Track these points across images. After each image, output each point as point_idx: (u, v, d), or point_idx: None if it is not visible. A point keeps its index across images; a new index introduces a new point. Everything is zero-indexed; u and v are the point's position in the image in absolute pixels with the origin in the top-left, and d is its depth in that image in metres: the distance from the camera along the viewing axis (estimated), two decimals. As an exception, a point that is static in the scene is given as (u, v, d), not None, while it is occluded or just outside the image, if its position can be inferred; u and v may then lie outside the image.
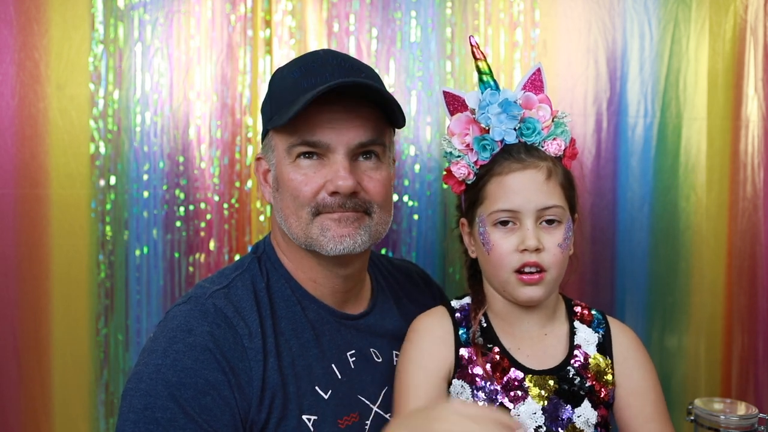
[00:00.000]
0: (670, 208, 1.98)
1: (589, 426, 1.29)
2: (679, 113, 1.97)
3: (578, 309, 1.38)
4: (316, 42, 1.91)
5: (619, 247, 1.98)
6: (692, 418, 1.37)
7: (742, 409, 1.36)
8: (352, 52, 1.91)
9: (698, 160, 1.97)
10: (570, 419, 1.27)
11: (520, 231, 1.26)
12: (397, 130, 1.40)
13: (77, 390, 1.86)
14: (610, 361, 1.33)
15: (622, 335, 1.37)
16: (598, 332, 1.35)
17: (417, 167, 1.95)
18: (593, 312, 1.38)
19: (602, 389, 1.31)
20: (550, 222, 1.27)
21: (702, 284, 1.98)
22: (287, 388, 1.26)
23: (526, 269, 1.27)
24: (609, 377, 1.32)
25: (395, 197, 1.92)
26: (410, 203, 1.96)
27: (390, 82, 1.92)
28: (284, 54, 1.90)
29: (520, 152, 1.28)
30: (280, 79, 1.34)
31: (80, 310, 1.86)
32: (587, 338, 1.34)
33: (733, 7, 1.94)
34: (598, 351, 1.33)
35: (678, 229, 1.98)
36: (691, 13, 1.95)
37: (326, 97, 1.24)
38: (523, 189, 1.26)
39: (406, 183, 1.96)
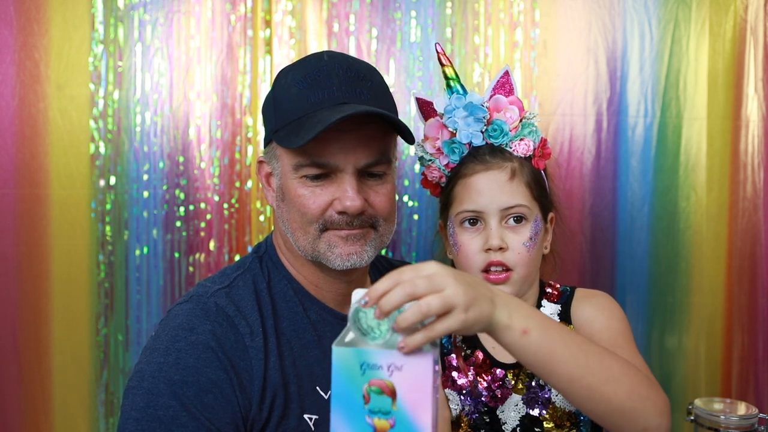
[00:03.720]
0: (670, 208, 1.98)
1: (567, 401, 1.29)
2: (679, 113, 1.97)
3: (549, 290, 1.38)
4: (316, 42, 1.91)
5: (619, 247, 1.99)
6: (692, 418, 1.37)
7: (742, 409, 1.36)
8: (352, 52, 1.91)
9: (698, 160, 1.97)
10: (549, 399, 1.28)
11: (485, 231, 1.28)
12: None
13: (77, 390, 1.86)
14: (572, 327, 1.32)
15: (582, 298, 1.35)
16: (559, 303, 1.35)
17: (417, 167, 1.95)
18: (562, 289, 1.38)
19: None
20: (515, 221, 1.28)
21: (702, 284, 1.98)
22: (288, 388, 1.26)
23: (492, 269, 1.29)
24: None
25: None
26: (410, 203, 1.96)
27: (390, 82, 1.92)
28: (284, 54, 1.90)
29: (485, 154, 1.30)
30: (285, 86, 1.31)
31: (80, 310, 1.86)
32: (551, 312, 1.34)
33: (733, 7, 1.94)
34: (561, 319, 1.33)
35: (678, 229, 1.98)
36: (691, 13, 1.95)
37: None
38: (487, 189, 1.28)
39: (406, 183, 1.96)
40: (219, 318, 1.25)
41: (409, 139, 1.29)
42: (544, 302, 1.36)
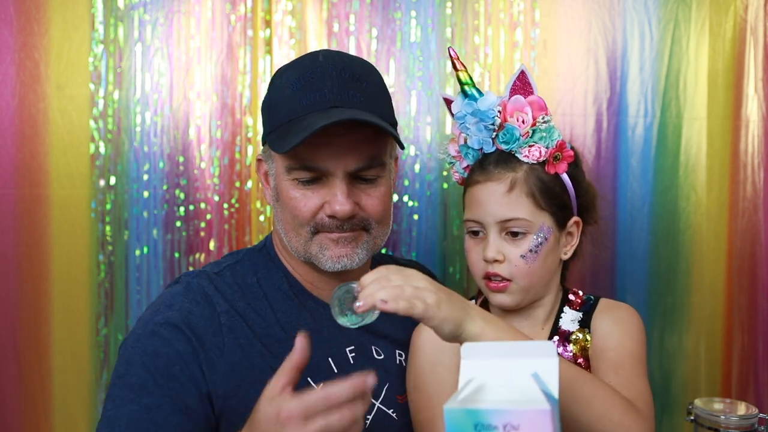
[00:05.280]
0: (670, 208, 1.98)
1: None
2: (679, 113, 1.97)
3: (572, 297, 1.38)
4: (316, 42, 1.91)
5: (619, 247, 1.98)
6: (692, 418, 1.37)
7: (742, 409, 1.36)
8: (352, 52, 1.91)
9: (698, 160, 1.97)
10: None
11: (485, 241, 1.29)
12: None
13: (77, 390, 1.86)
14: (589, 334, 1.33)
15: (605, 309, 1.35)
16: (581, 311, 1.36)
17: (417, 167, 1.95)
18: (585, 297, 1.38)
19: (587, 365, 1.31)
20: (513, 234, 1.27)
21: (702, 284, 1.98)
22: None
23: (492, 277, 1.29)
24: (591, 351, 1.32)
25: (395, 197, 1.92)
26: (410, 203, 1.96)
27: (390, 82, 1.92)
28: (284, 54, 1.90)
29: (489, 163, 1.30)
30: (280, 87, 1.32)
31: (80, 310, 1.86)
32: (571, 318, 1.35)
33: (733, 7, 1.94)
34: (581, 326, 1.33)
35: (678, 229, 1.98)
36: (691, 13, 1.95)
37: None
38: (484, 202, 1.29)
39: (406, 183, 1.96)
40: (197, 296, 1.30)
41: (399, 144, 1.29)
42: (566, 309, 1.36)
